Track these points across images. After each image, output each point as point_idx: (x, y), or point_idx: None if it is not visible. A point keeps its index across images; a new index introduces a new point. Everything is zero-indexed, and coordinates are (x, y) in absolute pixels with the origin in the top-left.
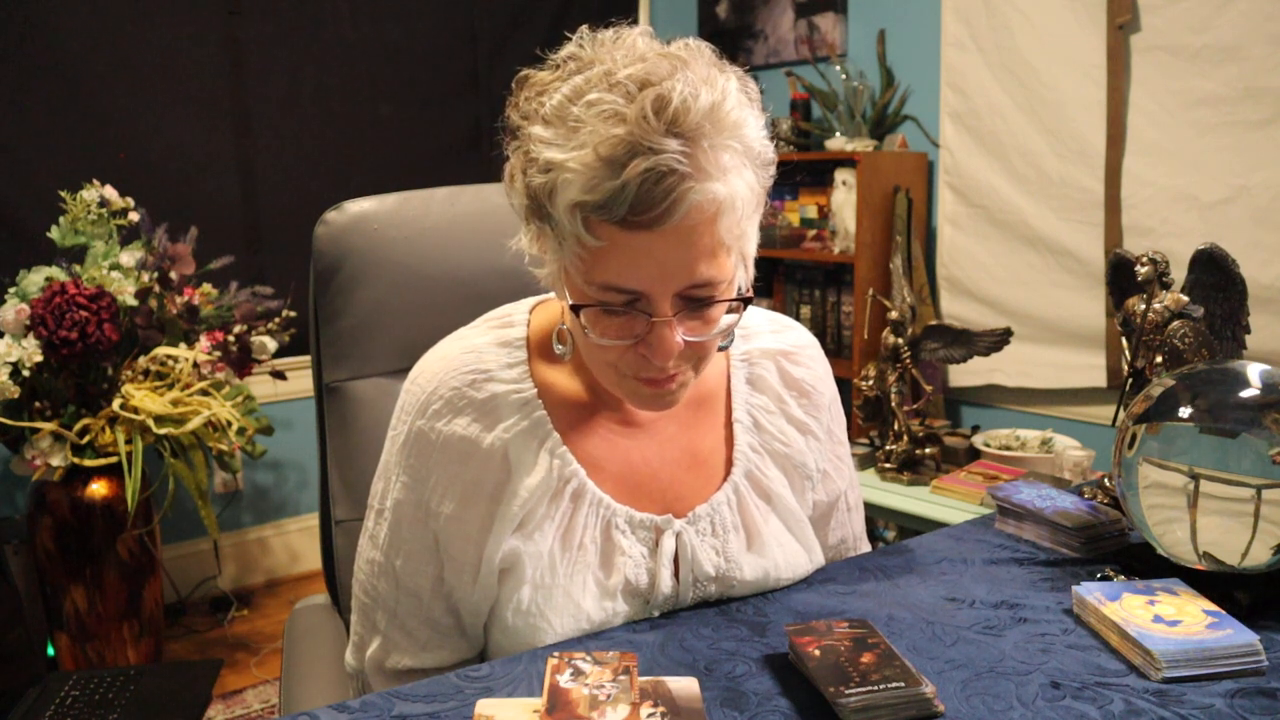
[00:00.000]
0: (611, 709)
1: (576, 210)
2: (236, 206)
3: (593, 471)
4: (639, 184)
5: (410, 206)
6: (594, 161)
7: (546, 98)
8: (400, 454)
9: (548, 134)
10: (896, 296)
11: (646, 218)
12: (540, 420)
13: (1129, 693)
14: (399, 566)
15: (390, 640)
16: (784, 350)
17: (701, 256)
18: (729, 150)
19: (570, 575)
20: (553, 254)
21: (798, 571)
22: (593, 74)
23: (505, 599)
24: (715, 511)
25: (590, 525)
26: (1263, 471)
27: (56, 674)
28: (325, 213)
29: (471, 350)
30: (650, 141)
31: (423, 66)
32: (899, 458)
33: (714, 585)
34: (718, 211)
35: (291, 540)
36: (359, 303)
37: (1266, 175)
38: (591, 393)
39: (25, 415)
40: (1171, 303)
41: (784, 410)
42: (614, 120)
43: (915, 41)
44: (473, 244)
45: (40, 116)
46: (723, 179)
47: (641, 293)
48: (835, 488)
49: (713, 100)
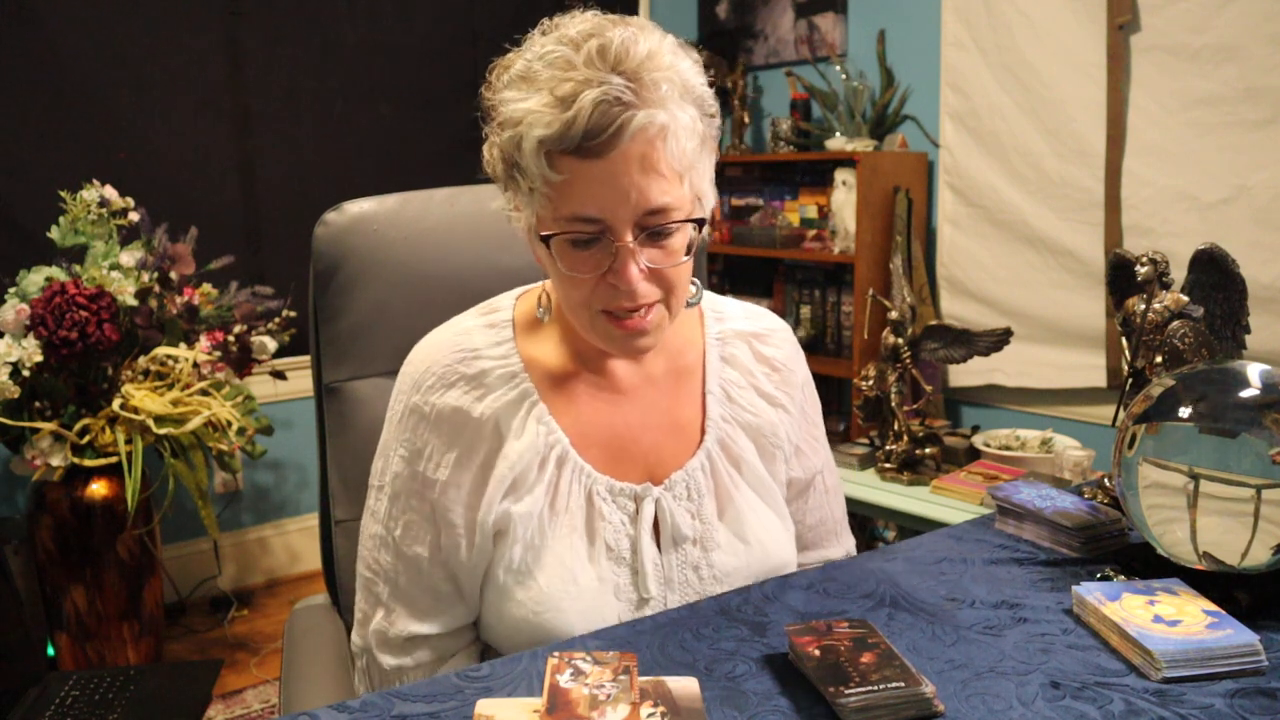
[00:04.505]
0: (611, 709)
1: (540, 148)
2: (236, 206)
3: (577, 439)
4: (590, 113)
5: (410, 207)
6: (551, 101)
7: (511, 69)
8: (397, 429)
9: (512, 94)
10: (896, 296)
11: (598, 143)
12: (527, 391)
13: (1129, 693)
14: (398, 536)
15: (392, 610)
16: (756, 332)
17: (653, 182)
18: (668, 83)
19: (557, 536)
20: (525, 206)
21: (775, 536)
22: (548, 38)
23: (498, 559)
24: (690, 477)
25: (575, 492)
26: (1263, 471)
27: (56, 674)
28: (325, 213)
29: (461, 332)
30: (595, 77)
31: (423, 66)
32: (899, 458)
33: (696, 549)
34: (661, 136)
35: (291, 540)
36: (358, 303)
37: (1266, 175)
38: (575, 362)
39: (25, 415)
40: (1171, 303)
41: (754, 384)
42: (565, 65)
43: (915, 41)
44: (472, 245)
45: (40, 116)
46: (663, 107)
47: (603, 220)
48: (811, 465)
49: (650, 47)
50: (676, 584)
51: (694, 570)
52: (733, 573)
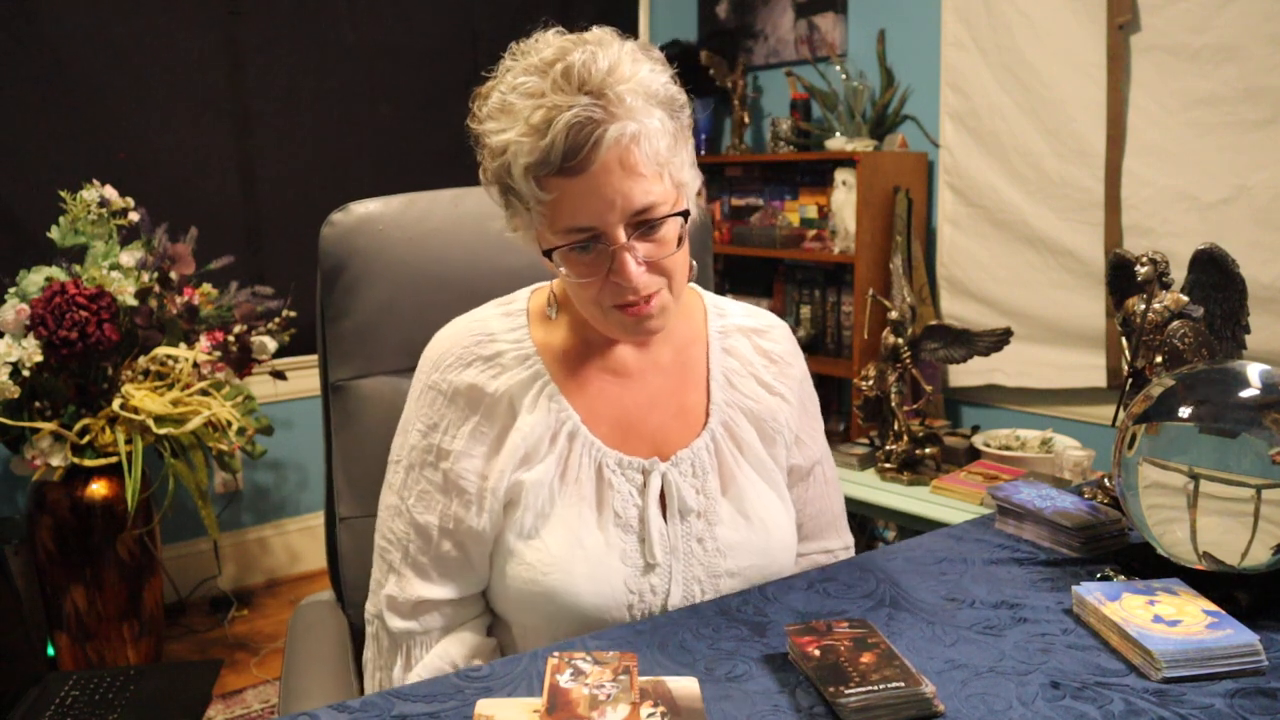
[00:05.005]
0: (611, 709)
1: (528, 174)
2: (236, 206)
3: (588, 417)
4: (564, 137)
5: (415, 208)
6: (527, 131)
7: (489, 100)
8: (415, 406)
9: (494, 125)
10: (896, 296)
11: (577, 162)
12: (539, 372)
13: (1129, 693)
14: (411, 505)
15: (403, 576)
16: (755, 328)
17: (634, 185)
18: (631, 94)
19: (567, 504)
20: (524, 223)
21: (775, 515)
22: (516, 67)
23: (509, 526)
24: (695, 455)
25: (585, 464)
26: (1263, 471)
27: (56, 674)
28: (331, 214)
29: (478, 319)
30: (565, 101)
31: (423, 66)
32: (899, 458)
33: (700, 522)
34: (634, 142)
35: (291, 540)
36: (364, 302)
37: (1266, 175)
38: (586, 348)
39: (25, 415)
40: (1171, 303)
41: (754, 374)
42: (535, 95)
43: (915, 41)
44: (477, 244)
45: (40, 116)
46: (631, 117)
47: (596, 228)
48: (811, 454)
49: (610, 61)
50: (681, 553)
51: (698, 542)
52: (736, 546)
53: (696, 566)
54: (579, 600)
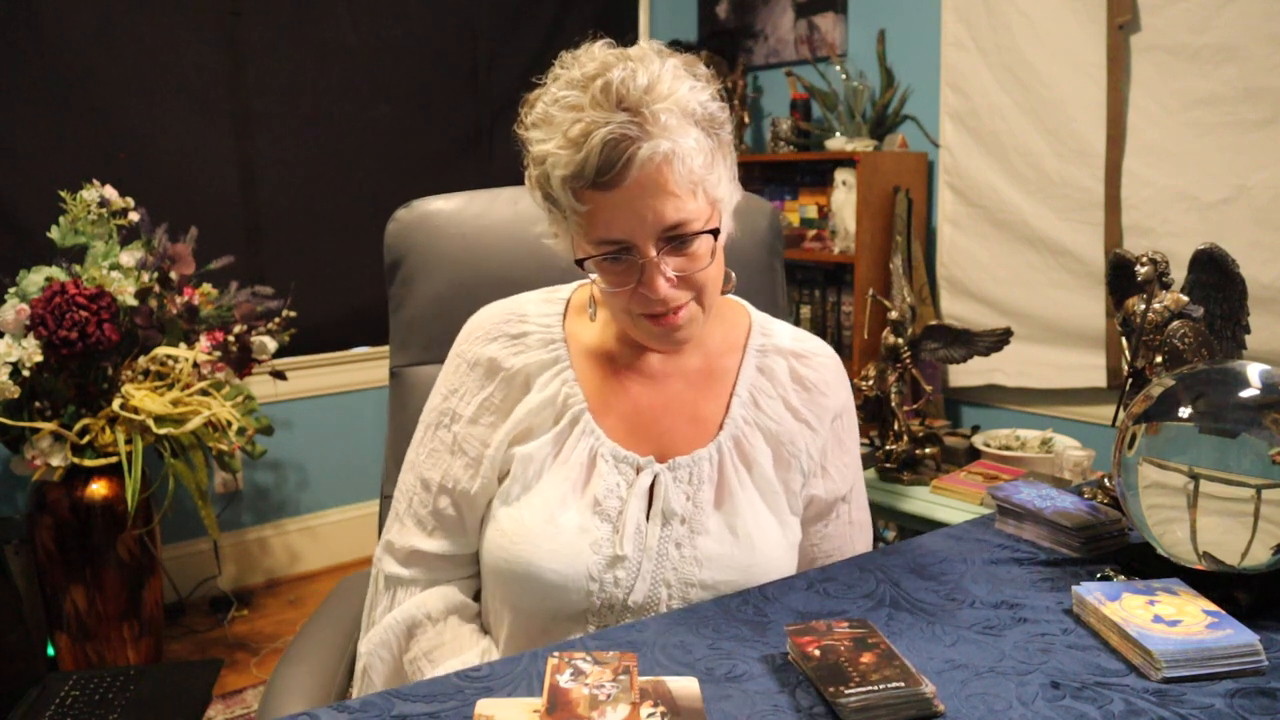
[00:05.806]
0: (611, 709)
1: (565, 185)
2: (236, 206)
3: (597, 405)
4: (599, 152)
5: (473, 206)
6: (565, 144)
7: (534, 108)
8: (442, 373)
9: (537, 134)
10: (896, 296)
11: (610, 178)
12: (560, 355)
13: (1129, 693)
14: (421, 460)
15: (404, 525)
16: (798, 352)
17: (666, 202)
18: (667, 113)
19: (552, 483)
20: (562, 230)
21: (769, 537)
22: (560, 79)
23: (499, 494)
24: (695, 464)
25: (580, 449)
26: (1263, 471)
27: (56, 674)
28: (396, 210)
29: (517, 301)
30: (601, 118)
31: (423, 66)
32: (899, 458)
33: (683, 528)
34: (667, 161)
35: (291, 540)
36: (418, 295)
37: (1266, 175)
38: (614, 345)
39: (25, 415)
40: (1171, 303)
41: (783, 396)
42: (574, 109)
43: (915, 41)
44: (532, 243)
45: (40, 116)
46: (666, 136)
47: (627, 241)
48: (835, 488)
49: (649, 79)
50: (654, 554)
51: (676, 546)
52: (714, 558)
53: (668, 570)
54: (541, 575)
